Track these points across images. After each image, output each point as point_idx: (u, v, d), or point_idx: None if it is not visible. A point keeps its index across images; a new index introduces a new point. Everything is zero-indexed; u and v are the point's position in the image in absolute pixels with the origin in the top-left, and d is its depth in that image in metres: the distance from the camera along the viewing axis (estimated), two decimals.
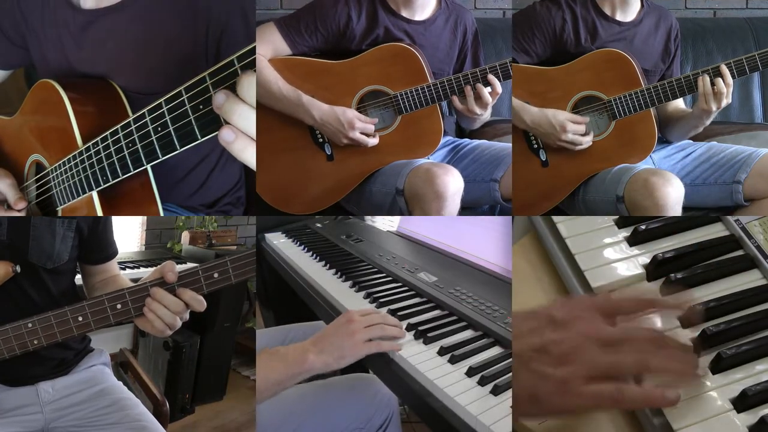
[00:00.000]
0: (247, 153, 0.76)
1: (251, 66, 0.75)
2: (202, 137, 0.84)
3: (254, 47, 0.75)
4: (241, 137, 0.75)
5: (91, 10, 1.18)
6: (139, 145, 0.91)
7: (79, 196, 1.07)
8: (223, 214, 1.42)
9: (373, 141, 1.60)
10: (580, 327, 0.68)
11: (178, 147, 0.87)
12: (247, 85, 0.73)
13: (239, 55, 0.76)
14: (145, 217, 2.97)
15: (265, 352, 1.00)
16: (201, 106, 0.81)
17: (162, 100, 0.85)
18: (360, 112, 1.61)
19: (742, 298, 0.81)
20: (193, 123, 0.82)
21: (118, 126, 0.95)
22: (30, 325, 1.04)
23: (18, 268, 1.16)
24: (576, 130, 1.61)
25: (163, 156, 0.90)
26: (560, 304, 0.72)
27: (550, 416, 0.68)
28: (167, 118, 0.85)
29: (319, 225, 2.10)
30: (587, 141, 1.62)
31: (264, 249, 1.89)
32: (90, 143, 1.01)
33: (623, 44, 1.65)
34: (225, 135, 0.75)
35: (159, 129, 0.87)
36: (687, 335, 0.78)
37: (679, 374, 0.69)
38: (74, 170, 1.06)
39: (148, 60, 1.15)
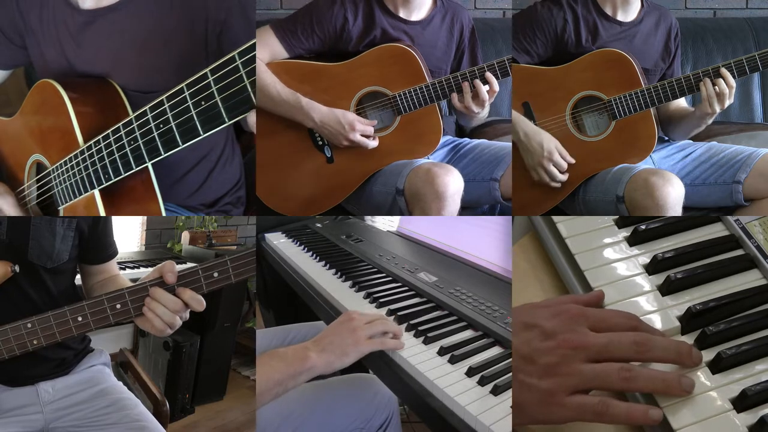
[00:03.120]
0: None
1: (252, 62, 0.75)
2: (204, 133, 0.84)
3: (255, 43, 0.75)
4: None
5: (90, 10, 1.18)
6: (141, 142, 0.92)
7: (80, 194, 1.07)
8: (223, 214, 1.42)
9: (373, 143, 1.60)
10: (568, 338, 0.69)
11: (180, 143, 0.87)
12: None
13: (240, 51, 0.76)
14: (145, 217, 2.97)
15: (265, 354, 1.00)
16: (203, 102, 0.81)
17: (164, 96, 0.86)
18: (359, 113, 1.61)
19: (742, 298, 0.81)
20: (195, 119, 0.83)
21: (120, 124, 0.95)
22: (29, 325, 1.04)
23: (17, 268, 1.16)
24: (558, 163, 1.61)
25: (165, 153, 0.90)
26: (550, 315, 0.72)
27: (534, 425, 0.69)
28: (169, 114, 0.85)
29: (319, 225, 2.10)
30: (562, 178, 1.62)
31: (264, 249, 1.89)
32: (91, 142, 1.02)
33: (624, 44, 1.65)
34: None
35: (161, 125, 0.87)
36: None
37: (663, 390, 0.69)
38: (75, 169, 1.06)
39: (148, 59, 1.15)
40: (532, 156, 1.62)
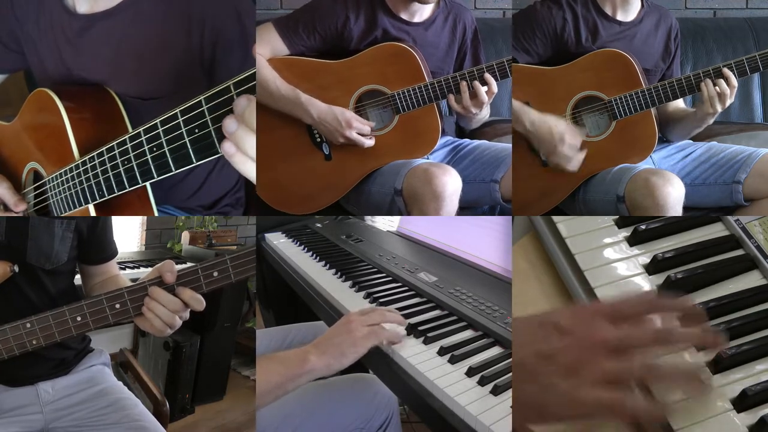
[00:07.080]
0: (246, 166, 0.76)
1: (250, 92, 0.73)
2: (197, 161, 0.82)
3: (253, 74, 0.72)
4: (239, 153, 0.74)
5: (86, 15, 1.17)
6: (134, 164, 0.90)
7: (75, 207, 1.06)
8: (222, 215, 1.41)
9: (369, 142, 1.60)
10: (586, 333, 0.68)
11: (173, 169, 0.86)
12: (249, 111, 0.72)
13: (236, 82, 0.74)
14: (145, 217, 2.97)
15: (265, 356, 0.99)
16: (196, 130, 0.79)
17: (158, 120, 0.84)
18: (358, 111, 1.61)
19: (742, 299, 0.81)
20: (188, 146, 0.81)
21: (114, 143, 0.94)
22: (28, 325, 1.04)
23: (16, 268, 1.16)
24: (573, 144, 1.60)
25: (158, 176, 0.88)
26: (565, 312, 0.71)
27: (557, 424, 0.67)
28: (163, 139, 0.84)
29: (319, 225, 2.10)
30: (579, 158, 1.61)
31: (264, 249, 1.89)
32: (87, 157, 1.00)
33: (624, 44, 1.65)
34: (227, 148, 0.74)
35: (154, 149, 0.86)
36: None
37: (685, 383, 0.68)
38: (70, 183, 1.05)
39: (145, 65, 1.14)
40: (544, 144, 1.61)
